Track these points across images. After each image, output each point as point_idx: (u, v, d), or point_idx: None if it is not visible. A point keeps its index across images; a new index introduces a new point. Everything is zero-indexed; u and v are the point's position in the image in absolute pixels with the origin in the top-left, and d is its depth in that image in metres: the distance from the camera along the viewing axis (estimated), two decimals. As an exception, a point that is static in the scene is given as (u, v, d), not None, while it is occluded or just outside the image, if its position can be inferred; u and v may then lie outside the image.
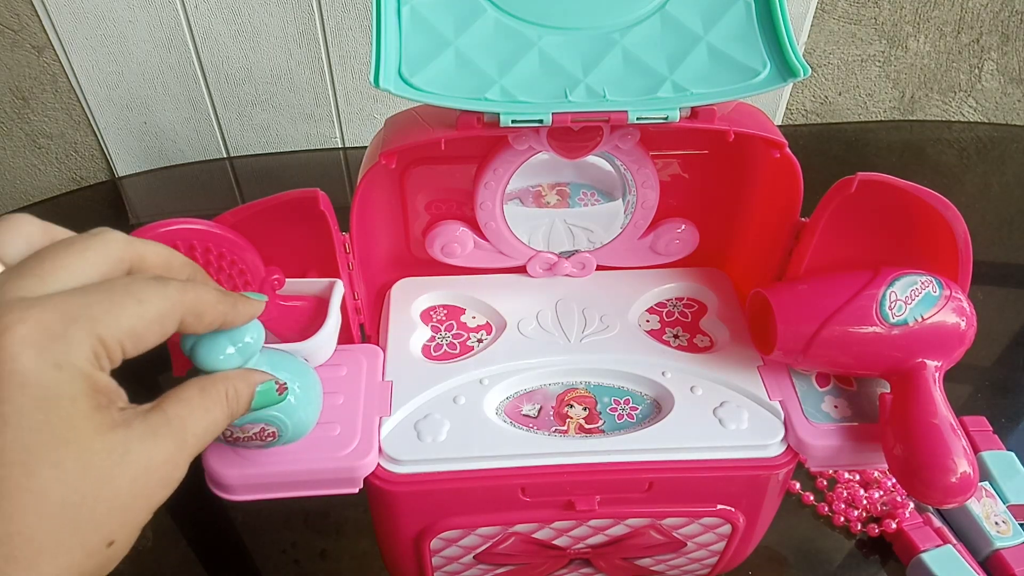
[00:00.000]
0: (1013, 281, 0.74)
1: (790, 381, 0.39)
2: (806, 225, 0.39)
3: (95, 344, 0.21)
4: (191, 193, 0.85)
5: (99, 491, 0.21)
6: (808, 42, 0.87)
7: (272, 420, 0.32)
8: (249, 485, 0.35)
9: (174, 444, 0.23)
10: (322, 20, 0.77)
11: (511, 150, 0.38)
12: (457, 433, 0.37)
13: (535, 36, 0.33)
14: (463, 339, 0.42)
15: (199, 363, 0.29)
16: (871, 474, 0.55)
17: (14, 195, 0.87)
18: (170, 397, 0.24)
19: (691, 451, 0.37)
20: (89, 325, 0.21)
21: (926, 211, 0.37)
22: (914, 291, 0.36)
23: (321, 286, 0.38)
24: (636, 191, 0.41)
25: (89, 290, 0.22)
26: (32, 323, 0.20)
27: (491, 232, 0.42)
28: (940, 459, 0.34)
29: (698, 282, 0.46)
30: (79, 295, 0.22)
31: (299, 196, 0.36)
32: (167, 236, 0.34)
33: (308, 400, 0.34)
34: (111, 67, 0.78)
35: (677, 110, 0.33)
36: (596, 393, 0.40)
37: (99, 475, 0.21)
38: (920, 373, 0.36)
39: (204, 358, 0.28)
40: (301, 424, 0.33)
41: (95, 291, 0.22)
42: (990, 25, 0.87)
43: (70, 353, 0.20)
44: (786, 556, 0.51)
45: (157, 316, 0.23)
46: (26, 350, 0.20)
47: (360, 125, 0.87)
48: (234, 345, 0.29)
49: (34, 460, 0.20)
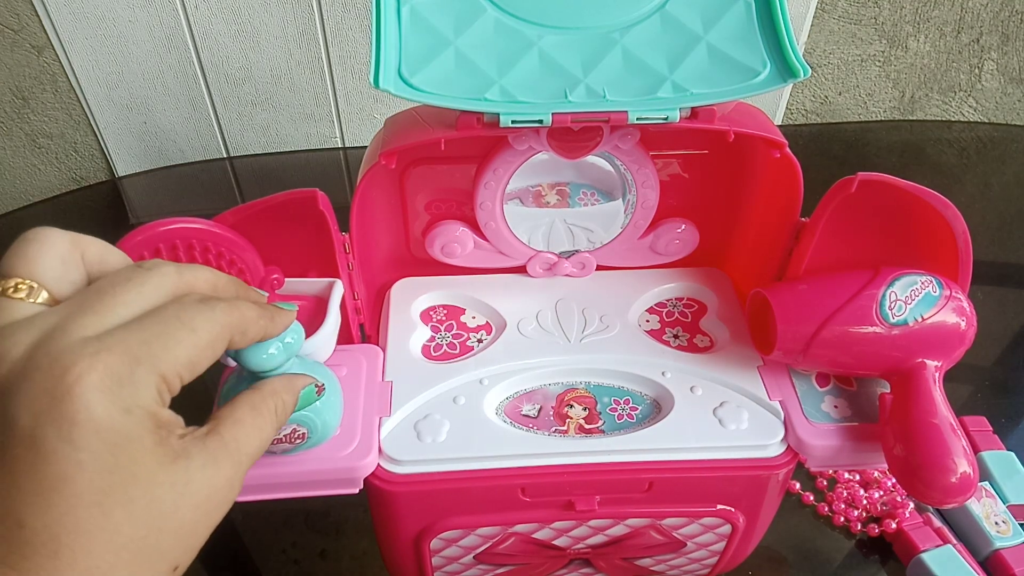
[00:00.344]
0: (1013, 281, 0.74)
1: (790, 381, 0.39)
2: (806, 225, 0.39)
3: (159, 383, 0.22)
4: (191, 193, 0.85)
5: (165, 523, 0.22)
6: (808, 42, 0.87)
7: (304, 421, 0.33)
8: (249, 485, 0.35)
9: (232, 467, 0.24)
10: (322, 20, 0.77)
11: (511, 150, 0.38)
12: (457, 433, 0.37)
13: (535, 36, 0.33)
14: (463, 339, 0.42)
15: (245, 363, 0.29)
16: (871, 474, 0.55)
17: (14, 195, 0.87)
18: (224, 419, 0.25)
19: (691, 451, 0.37)
20: (152, 364, 0.22)
21: (926, 211, 0.37)
22: (914, 291, 0.36)
23: (320, 286, 0.38)
24: (636, 191, 0.41)
25: (145, 324, 0.23)
26: (101, 369, 0.21)
27: (491, 232, 0.42)
28: (940, 459, 0.34)
29: (698, 282, 0.46)
30: (137, 331, 0.22)
31: (299, 196, 0.36)
32: (167, 236, 0.34)
33: (333, 402, 0.34)
34: (111, 67, 0.78)
35: (677, 110, 0.33)
36: (596, 393, 0.40)
37: (165, 508, 0.22)
38: (920, 373, 0.36)
39: (249, 359, 0.29)
40: (327, 426, 0.34)
41: (151, 324, 0.23)
42: (990, 25, 0.87)
43: (137, 396, 0.21)
44: (786, 556, 0.51)
45: (209, 342, 0.24)
46: (98, 397, 0.21)
47: (360, 125, 0.87)
48: (276, 345, 0.29)
49: (109, 501, 0.21)
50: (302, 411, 0.32)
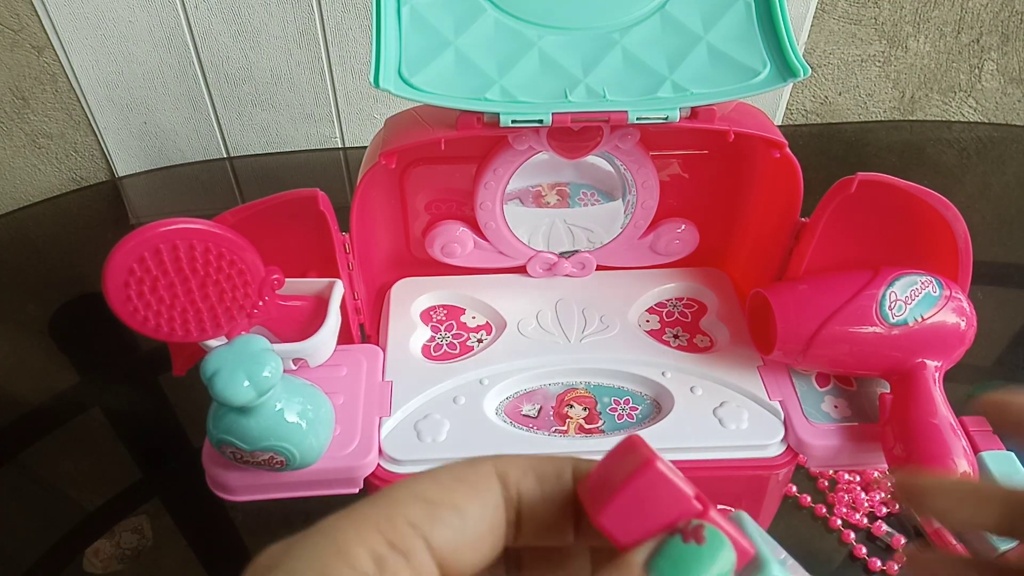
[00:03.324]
0: (1013, 281, 0.74)
1: (790, 381, 0.39)
2: (806, 225, 0.39)
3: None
4: (191, 193, 0.85)
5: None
6: (808, 42, 0.87)
7: (281, 450, 0.33)
8: (249, 485, 0.35)
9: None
10: (322, 20, 0.77)
11: (511, 150, 0.38)
12: (457, 433, 0.37)
13: (535, 36, 0.33)
14: (463, 339, 0.42)
15: (216, 395, 0.29)
16: (871, 475, 0.55)
17: (14, 195, 0.87)
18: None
19: (691, 451, 0.37)
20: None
21: (926, 211, 0.37)
22: (914, 291, 0.36)
23: (321, 286, 0.38)
24: (636, 191, 0.41)
25: None
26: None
27: (491, 232, 0.42)
28: (940, 459, 0.34)
29: (698, 282, 0.46)
30: None
31: (299, 196, 0.36)
32: (167, 236, 0.34)
33: (319, 427, 0.34)
34: (111, 67, 0.78)
35: (677, 110, 0.33)
36: (596, 393, 0.40)
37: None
38: (920, 373, 0.36)
39: (222, 390, 0.29)
40: (311, 451, 0.34)
41: None
42: (990, 25, 0.87)
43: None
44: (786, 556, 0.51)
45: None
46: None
47: (360, 125, 0.87)
48: (250, 379, 0.29)
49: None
50: (278, 440, 0.32)
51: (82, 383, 0.61)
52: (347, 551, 0.17)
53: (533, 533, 0.19)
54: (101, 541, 0.49)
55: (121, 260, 0.31)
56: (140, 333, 0.32)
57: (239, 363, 0.31)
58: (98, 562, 0.47)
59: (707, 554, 0.17)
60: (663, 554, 0.17)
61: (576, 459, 0.20)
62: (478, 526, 0.19)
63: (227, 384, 0.30)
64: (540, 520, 0.19)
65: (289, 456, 0.33)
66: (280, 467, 0.34)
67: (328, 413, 0.35)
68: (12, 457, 0.56)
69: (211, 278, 0.33)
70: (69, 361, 0.64)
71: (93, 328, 0.66)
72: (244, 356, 0.31)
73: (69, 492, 0.54)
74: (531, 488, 0.19)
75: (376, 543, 0.17)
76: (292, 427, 0.33)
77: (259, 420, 0.32)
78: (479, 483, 0.19)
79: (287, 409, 0.33)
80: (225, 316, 0.34)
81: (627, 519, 0.18)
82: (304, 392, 0.34)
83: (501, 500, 0.19)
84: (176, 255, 0.34)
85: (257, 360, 0.31)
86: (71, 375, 0.63)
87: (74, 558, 0.48)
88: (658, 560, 0.17)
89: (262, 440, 0.32)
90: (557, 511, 0.19)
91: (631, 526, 0.18)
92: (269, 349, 0.32)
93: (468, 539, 0.18)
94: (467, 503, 0.19)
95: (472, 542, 0.18)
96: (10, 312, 0.69)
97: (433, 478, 0.19)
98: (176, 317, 0.33)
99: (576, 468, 0.20)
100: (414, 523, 0.18)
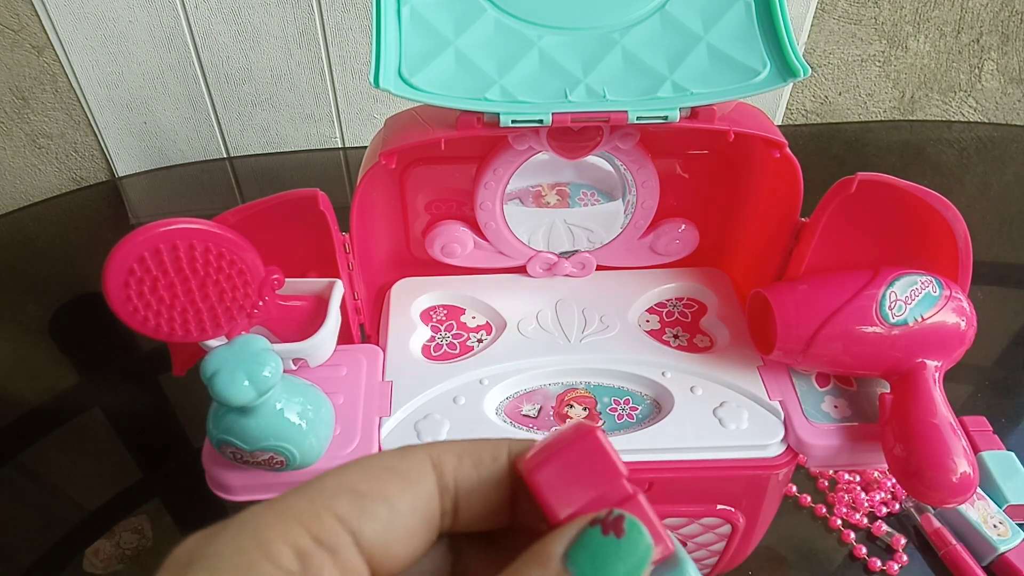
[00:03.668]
0: (1013, 281, 0.74)
1: (790, 381, 0.39)
2: (806, 225, 0.39)
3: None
4: (191, 193, 0.85)
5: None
6: (808, 42, 0.87)
7: (281, 450, 0.33)
8: (249, 485, 0.35)
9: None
10: (322, 20, 0.77)
11: (511, 150, 0.38)
12: (457, 433, 0.37)
13: (535, 36, 0.33)
14: (463, 339, 0.42)
15: (216, 395, 0.29)
16: (871, 475, 0.55)
17: (14, 195, 0.87)
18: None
19: (691, 451, 0.37)
20: None
21: (926, 211, 0.37)
22: (914, 291, 0.36)
23: (320, 286, 0.38)
24: (636, 191, 0.41)
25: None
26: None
27: (491, 232, 0.42)
28: (940, 459, 0.34)
29: (698, 282, 0.46)
30: None
31: (299, 196, 0.36)
32: (167, 236, 0.34)
33: (319, 427, 0.34)
34: (111, 67, 0.78)
35: (677, 110, 0.33)
36: (596, 393, 0.40)
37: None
38: (920, 373, 0.36)
39: (222, 390, 0.29)
40: (311, 451, 0.34)
41: None
42: (990, 25, 0.87)
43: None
44: (786, 556, 0.51)
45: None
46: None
47: (360, 125, 0.87)
48: (250, 379, 0.29)
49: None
50: (278, 440, 0.32)
51: (82, 383, 0.62)
52: (269, 547, 0.16)
53: (470, 518, 0.19)
54: (101, 541, 0.49)
55: (121, 260, 0.31)
56: (140, 333, 0.32)
57: (239, 363, 0.31)
58: (98, 562, 0.47)
59: (625, 547, 0.17)
60: (581, 545, 0.17)
61: (511, 440, 0.20)
62: (409, 519, 0.18)
63: (227, 384, 0.30)
64: (477, 505, 0.19)
65: (289, 456, 0.33)
66: (280, 467, 0.34)
67: (328, 413, 0.35)
68: (12, 457, 0.56)
69: (211, 278, 0.33)
70: (69, 361, 0.64)
71: (93, 328, 0.66)
72: (244, 356, 0.31)
73: (69, 492, 0.54)
74: (467, 473, 0.19)
75: (300, 538, 0.17)
76: (292, 427, 0.33)
77: (259, 420, 0.32)
78: (411, 473, 0.18)
79: (287, 409, 0.33)
80: (225, 316, 0.34)
81: (560, 484, 0.18)
82: (304, 392, 0.34)
83: (435, 490, 0.18)
84: (176, 255, 0.34)
85: (257, 360, 0.31)
86: (71, 375, 0.63)
87: (74, 558, 0.48)
88: (576, 551, 0.17)
89: (262, 440, 0.32)
90: (493, 494, 0.19)
91: (562, 493, 0.18)
92: (269, 349, 0.32)
93: (399, 532, 0.18)
94: (399, 494, 0.18)
95: (403, 535, 0.18)
96: (10, 312, 0.69)
97: (363, 468, 0.18)
98: (176, 317, 0.33)
99: (511, 448, 0.19)
100: (341, 517, 0.17)
